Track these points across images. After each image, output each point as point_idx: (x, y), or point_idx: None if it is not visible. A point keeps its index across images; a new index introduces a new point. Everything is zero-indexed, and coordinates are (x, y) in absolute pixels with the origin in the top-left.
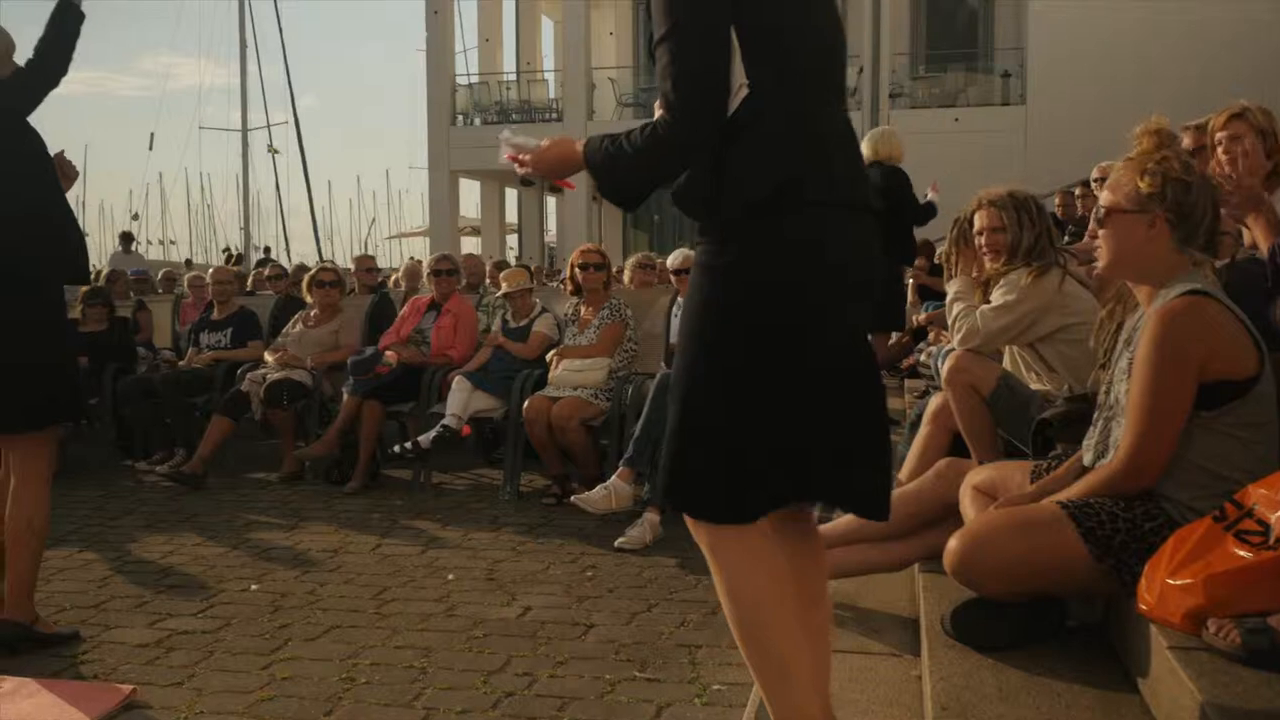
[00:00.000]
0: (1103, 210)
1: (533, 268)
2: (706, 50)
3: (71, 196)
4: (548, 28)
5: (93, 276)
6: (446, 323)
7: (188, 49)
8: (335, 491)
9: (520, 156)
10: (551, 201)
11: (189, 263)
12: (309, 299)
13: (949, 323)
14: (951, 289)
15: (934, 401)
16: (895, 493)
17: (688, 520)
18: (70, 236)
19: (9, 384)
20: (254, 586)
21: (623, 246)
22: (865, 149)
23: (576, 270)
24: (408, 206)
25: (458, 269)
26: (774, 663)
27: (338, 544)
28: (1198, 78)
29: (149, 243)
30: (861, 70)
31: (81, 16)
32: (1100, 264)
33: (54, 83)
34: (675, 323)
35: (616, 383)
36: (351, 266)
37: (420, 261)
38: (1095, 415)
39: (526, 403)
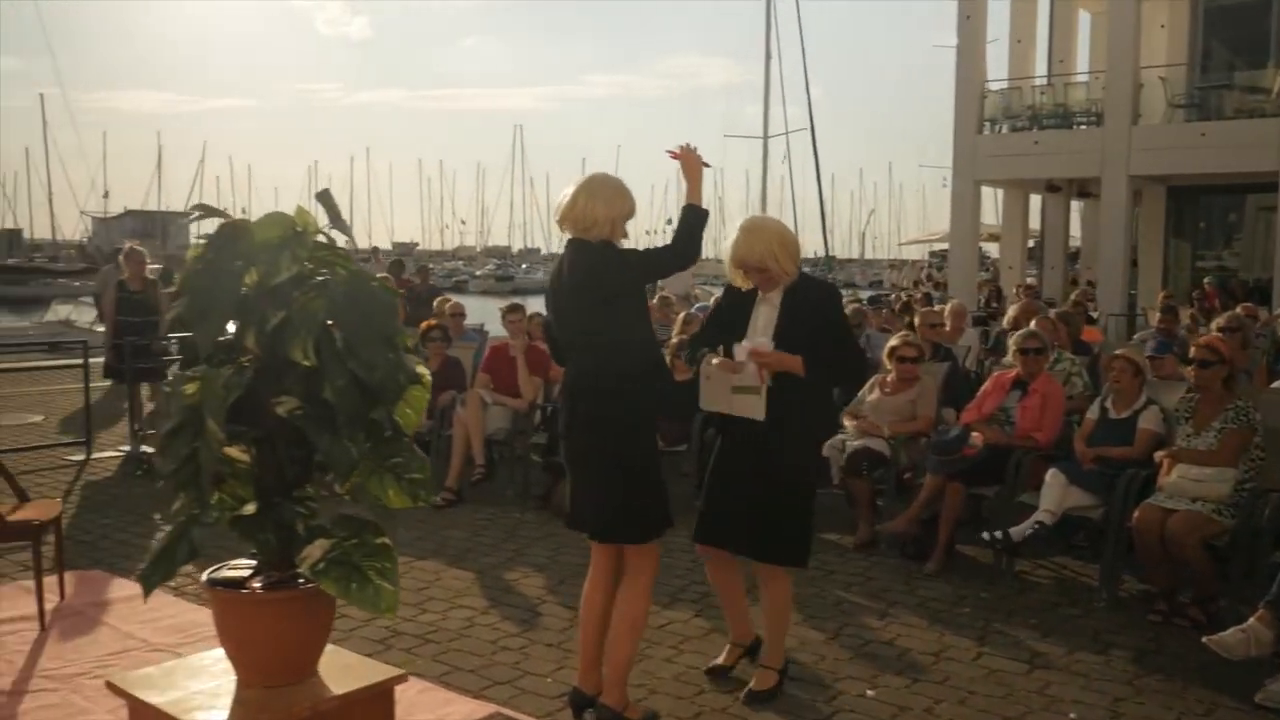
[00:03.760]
0: None
1: (1075, 294)
2: None
3: None
4: (1084, 23)
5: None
6: (1033, 403)
7: (706, 49)
8: (914, 569)
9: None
10: (1076, 207)
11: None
12: (887, 365)
13: None
14: None
15: None
16: None
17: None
18: (664, 372)
19: (628, 505)
20: (870, 692)
21: (1163, 255)
22: None
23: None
24: (908, 203)
25: (1045, 347)
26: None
27: (936, 645)
28: None
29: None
30: None
31: (705, 214)
32: None
33: (677, 269)
34: None
35: (1245, 497)
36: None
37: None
38: None
39: (1137, 512)
